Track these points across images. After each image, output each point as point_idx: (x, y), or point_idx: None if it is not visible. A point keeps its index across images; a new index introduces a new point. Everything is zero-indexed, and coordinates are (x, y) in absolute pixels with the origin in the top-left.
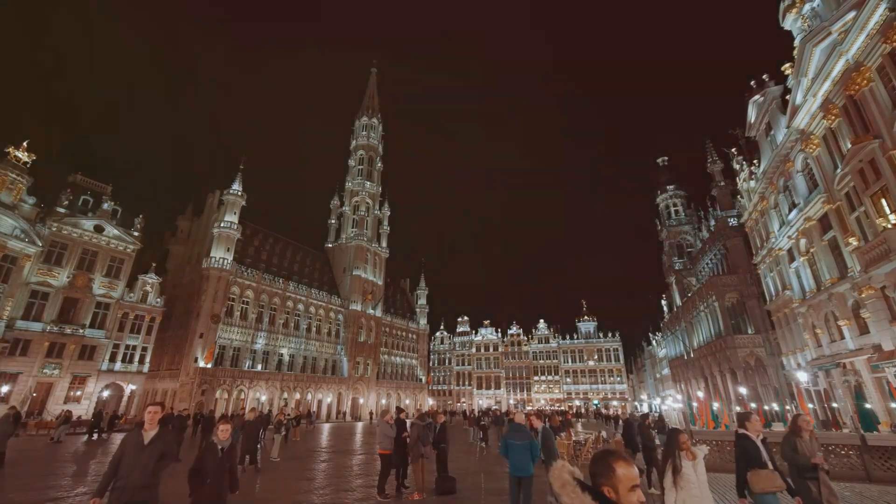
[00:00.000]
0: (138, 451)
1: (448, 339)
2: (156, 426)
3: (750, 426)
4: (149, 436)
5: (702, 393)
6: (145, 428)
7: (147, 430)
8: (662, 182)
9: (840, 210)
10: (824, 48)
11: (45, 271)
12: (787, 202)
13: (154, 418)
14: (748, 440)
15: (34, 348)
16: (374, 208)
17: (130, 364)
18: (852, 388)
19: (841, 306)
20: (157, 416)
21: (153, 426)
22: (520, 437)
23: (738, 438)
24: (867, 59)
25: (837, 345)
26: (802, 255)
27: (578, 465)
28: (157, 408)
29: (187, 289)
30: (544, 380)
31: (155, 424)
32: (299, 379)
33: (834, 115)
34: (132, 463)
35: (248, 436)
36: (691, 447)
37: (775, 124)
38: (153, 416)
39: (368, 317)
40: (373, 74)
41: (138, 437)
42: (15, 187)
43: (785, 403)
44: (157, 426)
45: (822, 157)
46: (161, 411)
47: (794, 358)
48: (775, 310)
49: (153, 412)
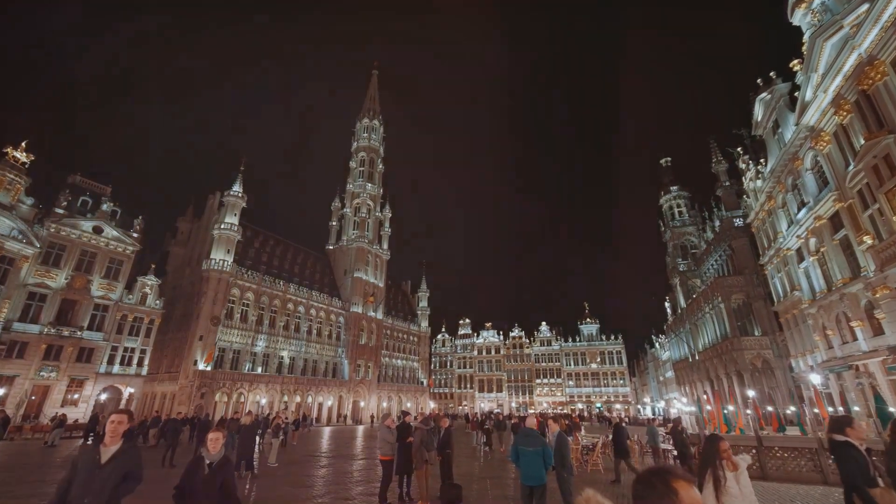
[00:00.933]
0: (93, 472)
1: (449, 342)
2: (119, 440)
3: (852, 433)
4: (108, 452)
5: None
6: (105, 442)
7: (107, 444)
8: (666, 183)
9: (852, 208)
10: (835, 43)
11: (42, 272)
12: (795, 201)
13: (117, 430)
14: (855, 450)
15: (31, 350)
16: (375, 210)
17: (129, 367)
18: (866, 390)
19: (853, 307)
20: (122, 428)
21: (115, 440)
22: (531, 443)
23: (841, 448)
24: (881, 53)
25: (850, 346)
26: (812, 255)
27: (587, 471)
28: (121, 416)
29: (187, 291)
30: (546, 383)
31: (118, 438)
32: (300, 382)
33: (846, 110)
34: (85, 487)
35: (245, 441)
36: (733, 456)
37: (783, 122)
38: (116, 427)
39: (369, 319)
40: (374, 76)
41: (94, 454)
42: (13, 188)
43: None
44: (121, 440)
45: (833, 154)
46: (127, 421)
47: (804, 360)
48: (783, 311)
49: (116, 422)
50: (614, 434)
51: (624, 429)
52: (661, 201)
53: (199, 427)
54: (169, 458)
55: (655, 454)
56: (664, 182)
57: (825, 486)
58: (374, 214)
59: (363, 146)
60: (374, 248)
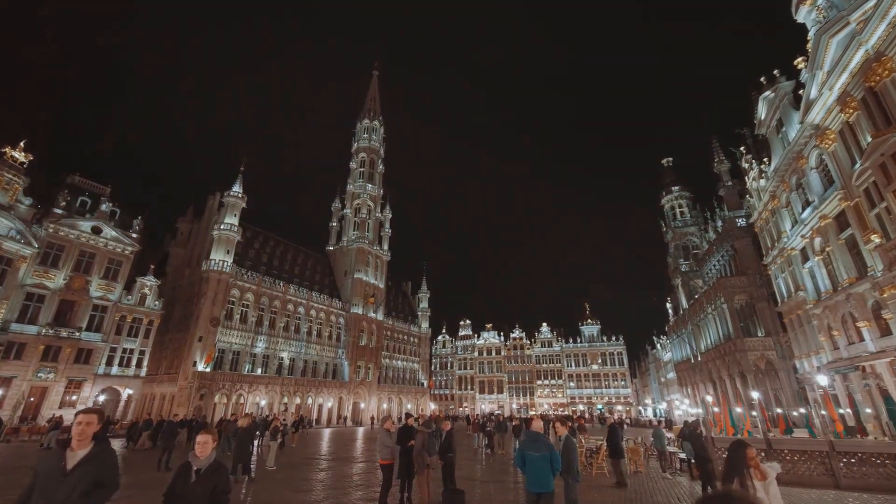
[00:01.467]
0: (57, 481)
1: (450, 343)
2: (88, 443)
3: None
4: (76, 457)
5: (710, 397)
6: (72, 446)
7: (74, 448)
8: (667, 183)
9: (859, 207)
10: (841, 39)
11: (40, 273)
12: (800, 200)
13: (85, 432)
14: None
15: (29, 352)
16: (375, 211)
17: (128, 368)
18: (873, 392)
19: (860, 307)
20: (91, 430)
21: (84, 444)
22: (538, 448)
23: None
24: (889, 49)
25: (856, 347)
26: (817, 255)
27: (592, 475)
28: (90, 416)
29: (186, 291)
30: (547, 384)
31: (87, 441)
32: (299, 383)
33: (852, 108)
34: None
35: (241, 443)
36: (761, 464)
37: (787, 120)
38: (84, 428)
39: (370, 320)
40: (374, 76)
41: (57, 461)
42: (11, 188)
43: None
44: (91, 443)
45: (839, 152)
46: (98, 422)
47: (809, 361)
48: (787, 311)
49: (84, 423)
50: (609, 435)
51: (618, 430)
52: (663, 201)
53: (196, 429)
54: (165, 462)
55: (661, 457)
56: (666, 182)
57: (837, 490)
58: (374, 215)
59: (363, 147)
60: (374, 248)
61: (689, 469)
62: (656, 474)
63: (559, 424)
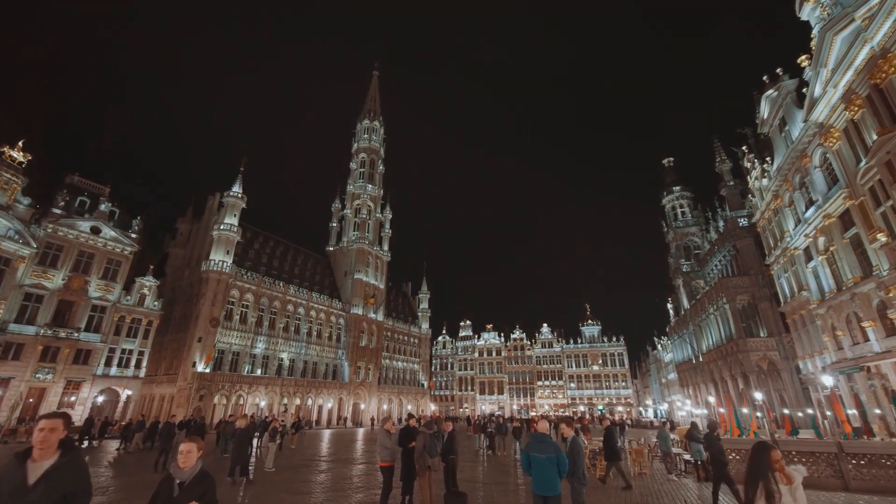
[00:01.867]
0: (17, 496)
1: (450, 344)
2: (53, 452)
3: None
4: (39, 469)
5: (713, 398)
6: (34, 457)
7: (36, 459)
8: (668, 183)
9: (864, 205)
10: (846, 36)
11: (39, 273)
12: (803, 199)
13: (48, 440)
14: None
15: (27, 352)
16: (375, 211)
17: (127, 369)
18: (878, 392)
19: (865, 307)
20: (55, 437)
21: (48, 453)
22: (545, 450)
23: None
24: (895, 46)
25: (861, 347)
26: (821, 254)
27: (596, 476)
28: (54, 422)
29: (186, 292)
30: (548, 385)
31: (51, 450)
32: (299, 384)
33: (857, 105)
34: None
35: (239, 445)
36: (786, 468)
37: (790, 119)
38: (47, 435)
39: (370, 321)
40: (374, 76)
41: (18, 473)
42: (9, 187)
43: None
44: (56, 452)
45: (843, 150)
46: (63, 427)
47: (812, 361)
48: (790, 311)
49: (47, 429)
50: (605, 437)
51: (615, 432)
52: (664, 201)
53: (194, 430)
54: (162, 464)
55: (666, 459)
56: (667, 182)
57: (846, 492)
58: (374, 216)
59: (363, 147)
60: (374, 249)
61: (695, 470)
62: (661, 476)
63: (565, 426)
